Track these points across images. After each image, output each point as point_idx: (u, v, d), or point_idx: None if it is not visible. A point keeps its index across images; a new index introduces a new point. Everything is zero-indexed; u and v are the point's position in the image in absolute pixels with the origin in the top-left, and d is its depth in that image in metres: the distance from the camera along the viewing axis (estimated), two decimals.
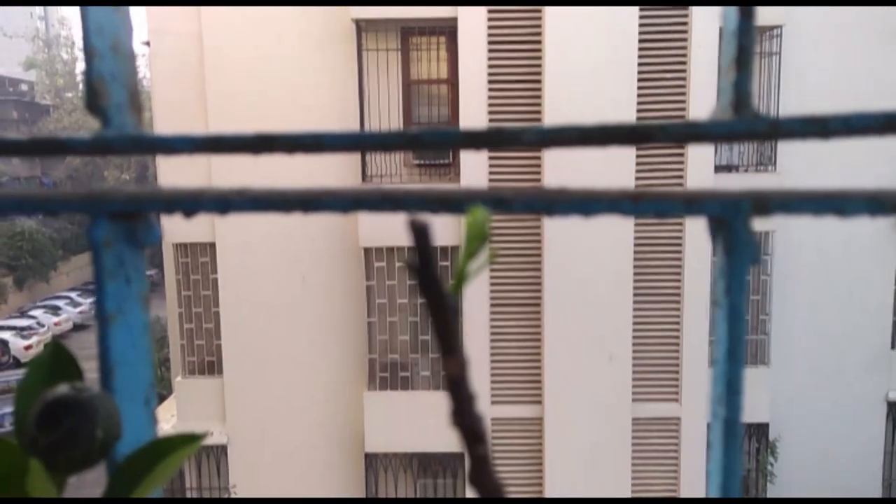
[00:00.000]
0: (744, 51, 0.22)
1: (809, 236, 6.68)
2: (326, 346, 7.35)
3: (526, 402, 6.88)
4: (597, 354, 6.58)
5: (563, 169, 6.08)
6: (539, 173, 6.39)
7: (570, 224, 6.20)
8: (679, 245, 6.41)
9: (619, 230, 6.26)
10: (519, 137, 0.23)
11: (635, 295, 6.57)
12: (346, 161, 6.66)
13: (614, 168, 5.83)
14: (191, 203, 0.22)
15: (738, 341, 0.21)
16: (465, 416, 0.17)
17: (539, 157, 6.33)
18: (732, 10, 0.21)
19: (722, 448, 0.21)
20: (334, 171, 6.61)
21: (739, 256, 0.21)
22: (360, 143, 0.24)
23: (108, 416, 0.25)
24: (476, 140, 0.24)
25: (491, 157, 6.29)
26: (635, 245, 6.44)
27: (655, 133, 0.22)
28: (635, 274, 6.52)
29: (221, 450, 7.48)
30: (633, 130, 0.21)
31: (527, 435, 6.93)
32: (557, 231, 6.40)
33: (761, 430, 6.92)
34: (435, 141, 0.24)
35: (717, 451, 0.21)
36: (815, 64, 6.55)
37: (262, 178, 5.65)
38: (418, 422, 6.74)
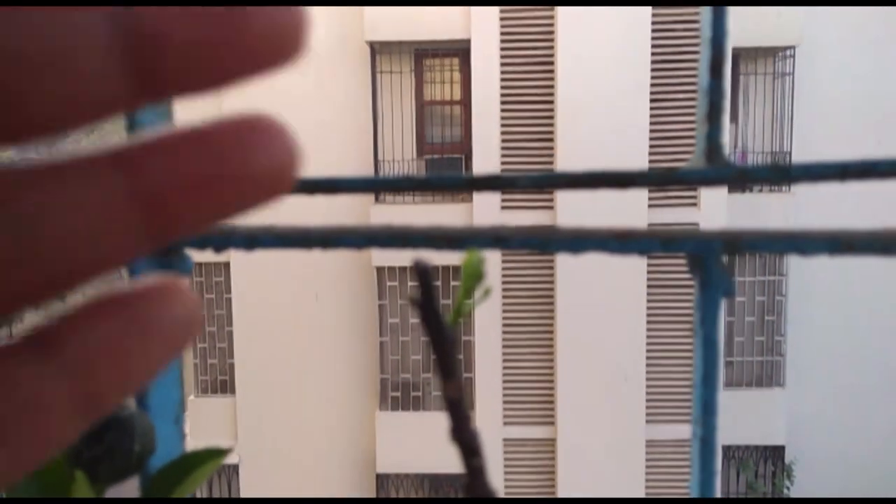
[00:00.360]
0: (714, 107, 0.24)
1: (826, 257, 6.64)
2: (338, 365, 7.37)
3: (538, 423, 6.86)
4: (610, 375, 6.55)
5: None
6: (550, 190, 6.42)
7: None
8: None
9: None
10: (514, 182, 0.25)
11: (649, 316, 6.55)
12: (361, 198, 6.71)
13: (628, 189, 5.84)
14: (222, 240, 0.25)
15: (713, 366, 0.24)
16: (462, 432, 0.19)
17: (551, 170, 6.36)
18: (705, 70, 0.24)
19: (700, 464, 0.23)
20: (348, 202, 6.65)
21: (713, 291, 0.23)
22: (372, 186, 0.27)
23: (143, 432, 0.27)
24: (478, 184, 0.26)
25: (503, 163, 6.32)
26: (649, 265, 6.44)
27: (637, 179, 0.24)
28: (649, 295, 6.50)
29: (233, 469, 7.48)
30: (618, 176, 0.24)
31: (539, 456, 6.89)
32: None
33: (777, 452, 6.83)
34: (441, 185, 0.27)
35: (696, 468, 0.24)
36: (830, 84, 6.55)
37: None
38: (430, 442, 6.72)
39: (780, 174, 0.23)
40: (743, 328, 6.68)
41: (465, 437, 0.20)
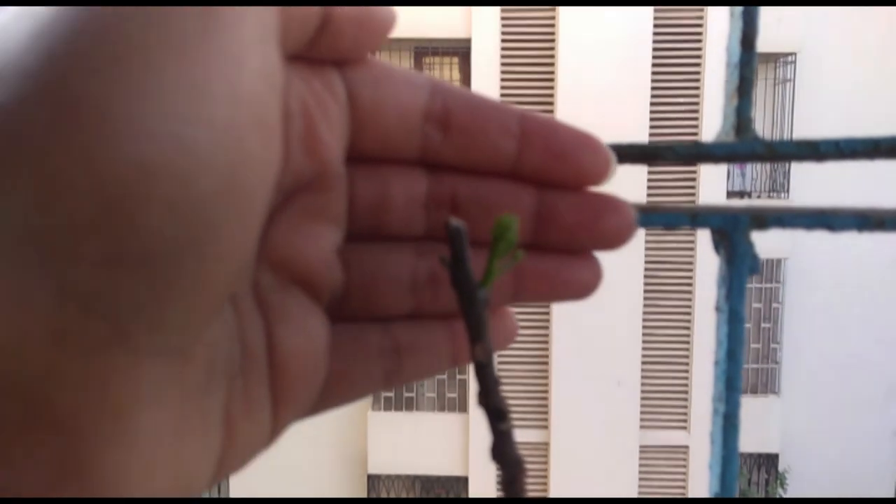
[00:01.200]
0: (745, 80, 0.24)
1: (824, 265, 6.66)
2: None
3: (532, 426, 6.85)
4: (605, 380, 6.55)
5: None
6: None
7: None
8: (690, 272, 6.41)
9: (629, 256, 6.26)
10: None
11: (645, 321, 6.55)
12: None
13: (626, 194, 5.84)
14: None
15: (738, 342, 0.23)
16: (489, 396, 0.19)
17: None
18: (735, 45, 0.24)
19: (721, 440, 0.23)
20: None
21: (739, 265, 0.23)
22: None
23: None
24: None
25: None
26: (646, 271, 6.44)
27: (664, 153, 0.24)
28: (645, 300, 6.51)
29: None
30: (643, 149, 0.24)
31: (533, 460, 6.88)
32: None
33: (771, 460, 6.83)
34: None
35: (717, 445, 0.23)
36: (831, 92, 6.55)
37: None
38: (422, 443, 6.72)
39: (809, 150, 0.23)
40: None
41: (492, 402, 0.19)
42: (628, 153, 0.24)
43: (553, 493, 6.74)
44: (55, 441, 0.12)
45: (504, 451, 0.20)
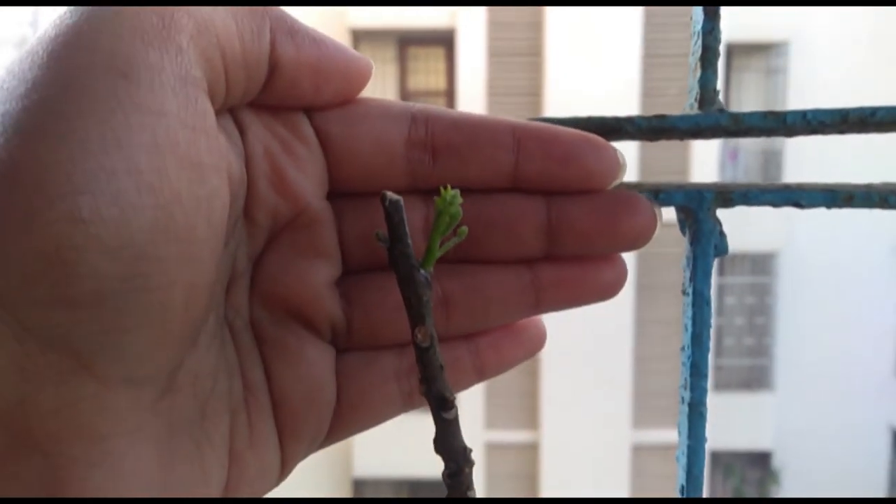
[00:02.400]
0: (709, 50, 0.23)
1: (817, 258, 6.66)
2: None
3: (522, 426, 6.82)
4: (596, 378, 6.54)
5: None
6: None
7: None
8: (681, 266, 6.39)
9: None
10: None
11: (636, 317, 6.55)
12: None
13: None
14: None
15: (704, 326, 0.23)
16: (433, 383, 0.18)
17: None
18: (699, 12, 0.23)
19: (687, 430, 0.22)
20: None
21: (704, 244, 0.22)
22: None
23: None
24: None
25: None
26: (637, 266, 6.43)
27: (625, 125, 0.23)
28: (637, 296, 6.51)
29: None
30: (604, 123, 0.23)
31: (522, 461, 6.86)
32: None
33: (764, 458, 6.81)
34: None
35: (683, 435, 0.22)
36: (824, 81, 6.52)
37: None
38: (410, 445, 6.64)
39: (777, 122, 0.22)
40: (732, 330, 6.67)
41: (436, 388, 0.18)
42: (587, 128, 0.23)
43: (544, 495, 6.73)
44: (38, 463, 0.13)
45: (449, 443, 0.19)
